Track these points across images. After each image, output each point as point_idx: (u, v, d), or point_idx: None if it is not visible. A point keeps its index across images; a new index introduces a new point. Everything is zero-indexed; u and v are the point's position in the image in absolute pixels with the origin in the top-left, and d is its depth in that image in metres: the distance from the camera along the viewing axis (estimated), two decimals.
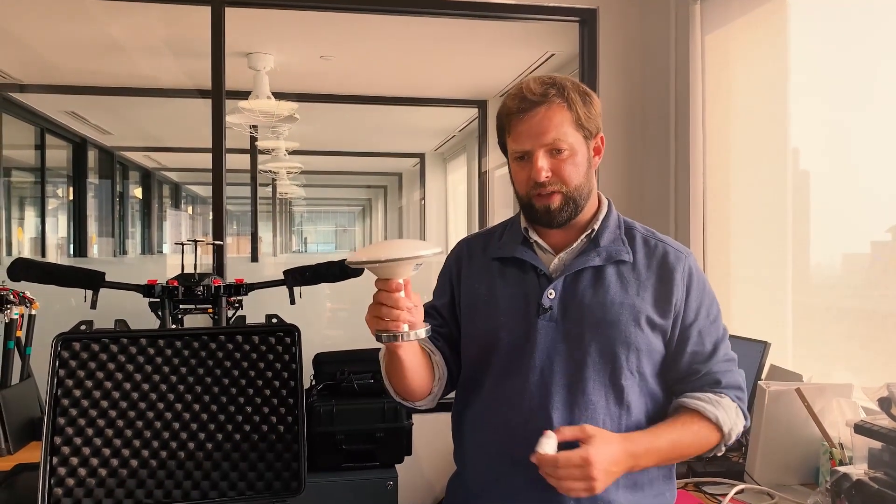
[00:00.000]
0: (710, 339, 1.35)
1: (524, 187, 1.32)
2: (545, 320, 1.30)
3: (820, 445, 1.89)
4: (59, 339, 1.32)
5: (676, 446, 1.29)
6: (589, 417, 1.27)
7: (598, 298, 1.30)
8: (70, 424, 1.29)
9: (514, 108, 1.30)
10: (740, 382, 1.37)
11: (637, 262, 1.34)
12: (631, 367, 1.29)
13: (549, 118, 1.27)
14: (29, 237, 5.34)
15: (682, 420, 1.30)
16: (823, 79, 2.31)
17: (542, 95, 1.28)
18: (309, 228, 12.80)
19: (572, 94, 1.30)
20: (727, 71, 2.70)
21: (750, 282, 2.64)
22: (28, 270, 2.34)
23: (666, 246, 1.36)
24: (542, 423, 1.26)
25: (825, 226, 2.34)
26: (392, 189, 9.13)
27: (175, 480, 1.32)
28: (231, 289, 2.51)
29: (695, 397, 1.32)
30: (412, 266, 1.13)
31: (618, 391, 1.29)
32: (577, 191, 1.31)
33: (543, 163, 1.27)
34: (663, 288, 1.32)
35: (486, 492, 1.34)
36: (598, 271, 1.32)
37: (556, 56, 3.80)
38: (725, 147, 2.71)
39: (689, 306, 1.33)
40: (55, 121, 5.11)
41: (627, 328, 1.29)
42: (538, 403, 1.28)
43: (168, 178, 8.29)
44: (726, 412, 1.31)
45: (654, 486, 1.34)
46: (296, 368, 1.41)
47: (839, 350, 2.28)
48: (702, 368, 1.34)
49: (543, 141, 1.27)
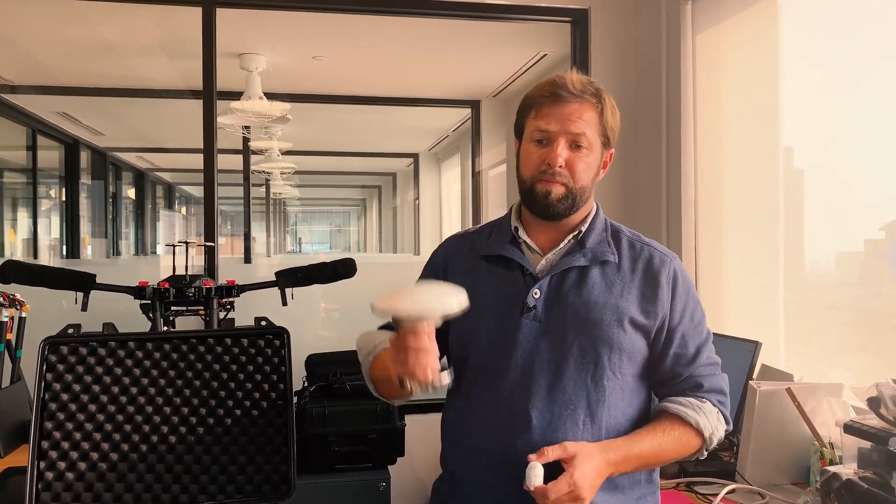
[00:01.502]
0: (694, 343, 1.36)
1: (532, 168, 1.33)
2: (528, 319, 1.30)
3: (811, 445, 1.89)
4: (46, 342, 1.32)
5: (657, 452, 1.30)
6: (569, 417, 1.27)
7: (582, 298, 1.30)
8: (58, 428, 1.29)
9: (549, 92, 1.32)
10: (723, 387, 1.37)
11: (622, 263, 1.34)
12: (613, 368, 1.30)
13: (580, 112, 1.30)
14: (21, 238, 5.32)
15: (663, 426, 1.31)
16: (815, 77, 2.32)
17: (581, 91, 1.31)
18: (303, 228, 12.79)
19: (606, 99, 1.34)
20: (718, 70, 2.70)
21: (742, 281, 2.64)
22: (18, 273, 2.33)
23: (652, 249, 1.37)
24: (522, 422, 1.27)
25: (818, 224, 2.34)
26: (386, 189, 9.13)
27: (164, 484, 1.31)
28: (223, 290, 2.50)
29: (676, 402, 1.33)
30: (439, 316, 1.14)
31: (599, 391, 1.29)
32: (580, 190, 1.32)
33: (563, 151, 1.29)
34: (648, 290, 1.33)
35: (468, 493, 1.34)
36: (583, 272, 1.32)
37: (549, 56, 3.80)
38: (717, 146, 2.72)
39: (674, 309, 1.34)
40: (47, 122, 5.09)
41: (610, 328, 1.29)
42: (518, 403, 1.28)
43: (161, 179, 8.27)
44: (707, 417, 1.32)
45: (635, 489, 1.34)
46: (285, 371, 1.41)
47: (832, 348, 2.28)
48: (684, 372, 1.35)
49: (570, 129, 1.29)
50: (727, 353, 2.16)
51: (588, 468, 1.19)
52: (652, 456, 1.29)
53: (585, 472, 1.18)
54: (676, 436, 1.30)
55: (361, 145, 6.97)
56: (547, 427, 1.26)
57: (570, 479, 1.17)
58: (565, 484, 1.16)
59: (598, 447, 1.24)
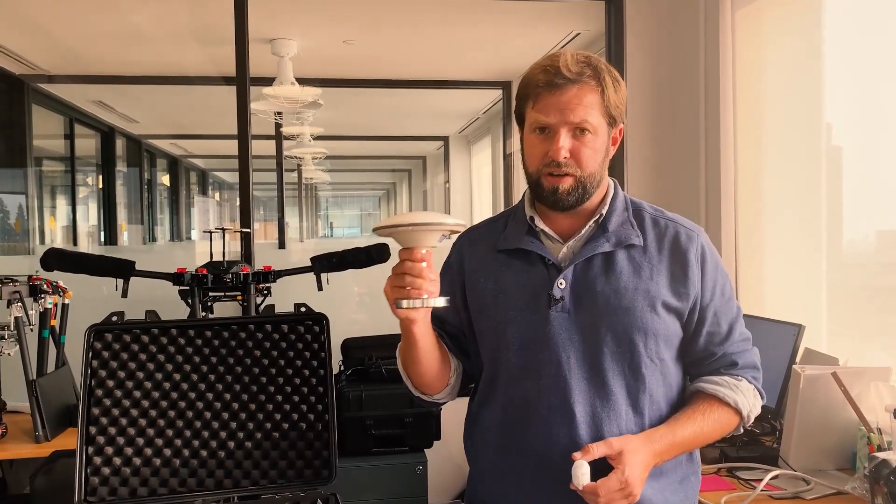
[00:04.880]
0: (726, 320, 1.32)
1: (536, 162, 1.26)
2: (557, 311, 1.26)
3: (857, 430, 1.85)
4: (91, 330, 1.34)
5: (698, 436, 1.28)
6: (612, 409, 1.24)
7: (611, 285, 1.26)
8: (104, 414, 1.31)
9: (544, 81, 1.23)
10: (756, 362, 1.35)
11: (648, 244, 1.29)
12: (650, 354, 1.26)
13: (579, 98, 1.22)
14: (61, 226, 5.43)
15: (702, 408, 1.28)
16: (857, 54, 2.25)
17: (577, 74, 1.22)
18: (335, 213, 12.86)
19: (606, 77, 1.25)
20: (759, 47, 2.63)
21: (783, 262, 2.59)
22: (60, 260, 2.37)
23: (677, 226, 1.32)
24: (564, 418, 1.24)
25: (859, 202, 2.28)
26: (416, 172, 9.12)
27: (208, 469, 1.33)
28: (259, 276, 2.52)
29: (712, 381, 1.30)
30: (437, 236, 1.13)
31: (639, 380, 1.26)
32: (590, 177, 1.26)
33: (565, 142, 1.22)
34: (678, 270, 1.28)
35: (505, 493, 1.31)
36: (609, 257, 1.28)
37: (582, 35, 3.75)
38: (757, 124, 2.65)
39: (704, 287, 1.29)
40: (83, 110, 5.17)
41: (643, 314, 1.25)
42: (559, 398, 1.25)
43: (195, 165, 8.37)
44: (745, 395, 1.29)
45: (678, 470, 1.32)
46: (325, 357, 1.41)
47: (871, 331, 2.23)
48: (718, 350, 1.31)
49: (570, 119, 1.22)
50: (769, 336, 2.13)
51: (636, 462, 1.17)
52: (693, 441, 1.27)
53: (635, 467, 1.16)
54: (716, 417, 1.28)
55: (391, 129, 6.96)
56: (591, 421, 1.24)
57: (621, 476, 1.15)
58: (616, 481, 1.14)
59: (642, 440, 1.21)
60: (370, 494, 2.50)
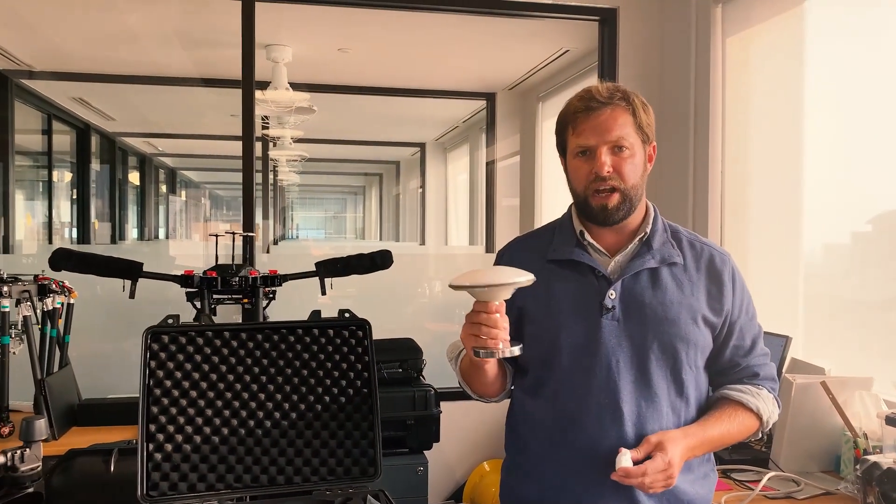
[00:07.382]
0: (750, 335, 1.48)
1: (583, 183, 1.41)
2: (608, 319, 1.39)
3: (841, 435, 2.00)
4: (148, 332, 1.39)
5: (724, 437, 1.42)
6: (655, 409, 1.38)
7: (658, 298, 1.40)
8: (162, 413, 1.36)
9: (580, 107, 1.39)
10: (774, 375, 1.50)
11: (687, 264, 1.44)
12: (690, 362, 1.41)
13: (613, 118, 1.38)
14: (39, 223, 5.32)
15: (728, 412, 1.42)
16: (836, 77, 2.45)
17: (608, 98, 1.39)
18: (298, 214, 12.80)
19: (635, 99, 1.41)
20: (746, 74, 2.79)
21: (765, 275, 2.75)
22: (68, 260, 2.38)
23: (711, 249, 1.48)
24: (613, 417, 1.36)
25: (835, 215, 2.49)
26: (388, 177, 9.16)
27: (261, 466, 1.39)
28: (266, 280, 2.58)
29: (737, 389, 1.45)
30: (510, 291, 1.25)
31: (679, 384, 1.40)
32: (633, 190, 1.40)
33: (606, 158, 1.37)
34: (714, 288, 1.43)
35: (553, 485, 1.42)
36: (654, 273, 1.42)
37: (571, 52, 3.87)
38: (744, 148, 2.81)
39: (734, 305, 1.45)
40: (61, 106, 5.09)
41: (686, 326, 1.39)
42: (608, 397, 1.37)
43: (164, 164, 8.26)
44: (765, 402, 1.44)
45: (701, 466, 1.46)
46: (369, 360, 1.48)
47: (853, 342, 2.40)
48: (742, 362, 1.47)
49: (608, 138, 1.37)
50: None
51: (677, 450, 1.31)
52: (720, 440, 1.42)
53: (676, 454, 1.30)
54: (741, 420, 1.42)
55: (369, 133, 7.01)
56: (637, 420, 1.37)
57: (665, 457, 1.28)
58: (661, 462, 1.28)
59: (679, 433, 1.35)
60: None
